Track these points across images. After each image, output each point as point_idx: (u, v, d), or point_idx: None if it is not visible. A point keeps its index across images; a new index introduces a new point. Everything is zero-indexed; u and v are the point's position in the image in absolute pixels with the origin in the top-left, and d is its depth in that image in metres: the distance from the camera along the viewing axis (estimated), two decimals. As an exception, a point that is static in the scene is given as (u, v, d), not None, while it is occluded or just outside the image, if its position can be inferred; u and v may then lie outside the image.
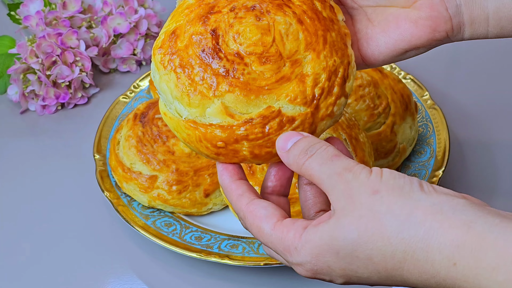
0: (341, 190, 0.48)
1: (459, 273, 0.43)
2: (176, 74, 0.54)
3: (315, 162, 0.50)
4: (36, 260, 0.79)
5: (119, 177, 0.82)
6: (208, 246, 0.76)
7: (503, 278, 0.41)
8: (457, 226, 0.43)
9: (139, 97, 0.95)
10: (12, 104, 1.00)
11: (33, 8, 1.02)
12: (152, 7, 1.06)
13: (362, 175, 0.48)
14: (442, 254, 0.43)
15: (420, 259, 0.44)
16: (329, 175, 0.49)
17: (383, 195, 0.46)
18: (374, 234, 0.46)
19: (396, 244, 0.45)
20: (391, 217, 0.45)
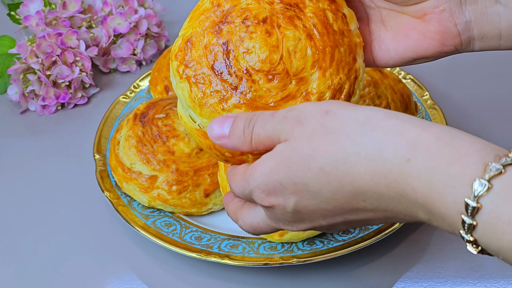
0: (289, 125, 0.48)
1: (412, 168, 0.42)
2: (190, 84, 0.57)
3: (258, 128, 0.50)
4: (36, 260, 0.79)
5: (119, 177, 0.82)
6: (208, 246, 0.76)
7: (454, 172, 0.41)
8: (414, 126, 0.43)
9: (139, 97, 0.95)
10: (12, 104, 1.00)
11: (33, 8, 1.02)
12: (152, 7, 1.06)
13: (309, 105, 0.48)
14: (396, 152, 0.43)
15: (373, 159, 0.44)
16: (274, 127, 0.49)
17: (336, 112, 0.46)
18: (327, 145, 0.45)
19: (350, 148, 0.44)
20: (344, 127, 0.45)
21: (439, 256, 0.77)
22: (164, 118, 0.83)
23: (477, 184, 0.40)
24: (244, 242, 0.77)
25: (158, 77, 0.94)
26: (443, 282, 0.74)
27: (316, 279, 0.76)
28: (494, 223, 0.40)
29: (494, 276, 0.74)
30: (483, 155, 0.41)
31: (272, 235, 0.74)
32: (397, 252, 0.78)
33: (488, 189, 0.40)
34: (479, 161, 0.41)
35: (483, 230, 0.41)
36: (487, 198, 0.40)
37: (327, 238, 0.76)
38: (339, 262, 0.76)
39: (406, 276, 0.75)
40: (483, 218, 0.40)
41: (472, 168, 0.41)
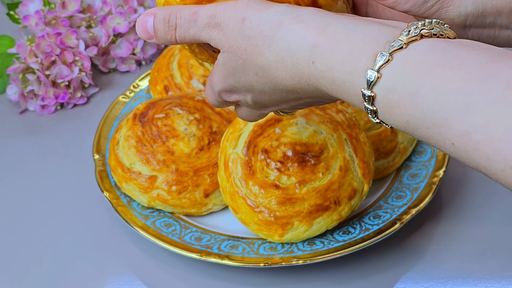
0: (216, 35, 0.53)
1: (317, 70, 0.48)
2: None
3: (181, 32, 0.55)
4: (36, 260, 0.79)
5: (118, 177, 0.81)
6: (207, 246, 0.76)
7: (349, 69, 0.46)
8: (313, 28, 0.48)
9: (138, 97, 0.95)
10: (11, 104, 1.00)
11: (32, 7, 1.01)
12: (151, 6, 1.06)
13: (228, 11, 0.52)
14: (303, 55, 0.49)
15: (288, 64, 0.50)
16: (200, 33, 0.54)
17: (251, 20, 0.51)
18: (253, 54, 0.51)
19: (269, 56, 0.51)
20: (263, 37, 0.50)
21: (439, 256, 0.77)
22: (163, 118, 0.83)
23: (369, 75, 0.45)
24: (244, 242, 0.77)
25: (158, 77, 0.94)
26: (443, 282, 0.74)
27: (316, 280, 0.75)
28: (388, 107, 0.45)
29: (495, 277, 0.74)
30: (373, 46, 0.46)
31: (272, 236, 0.74)
32: (397, 252, 0.77)
33: (379, 78, 0.45)
34: (370, 52, 0.45)
35: (382, 114, 0.46)
36: (379, 86, 0.45)
37: (327, 238, 0.76)
38: (339, 263, 0.76)
39: (406, 276, 0.75)
40: (379, 103, 0.46)
41: (363, 60, 0.46)
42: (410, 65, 0.44)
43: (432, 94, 0.42)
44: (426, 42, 0.45)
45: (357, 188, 0.76)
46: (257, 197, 0.74)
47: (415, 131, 0.44)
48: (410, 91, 0.43)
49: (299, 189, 0.73)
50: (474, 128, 0.41)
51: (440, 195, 0.83)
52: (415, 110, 0.43)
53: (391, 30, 0.46)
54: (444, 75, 0.42)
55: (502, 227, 0.79)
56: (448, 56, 0.43)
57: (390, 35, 0.46)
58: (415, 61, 0.44)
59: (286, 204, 0.73)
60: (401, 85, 0.44)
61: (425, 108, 0.43)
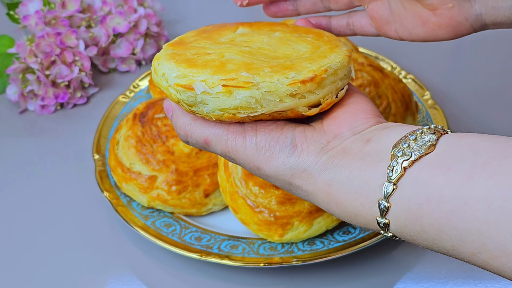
0: (232, 161, 0.58)
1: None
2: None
3: (194, 146, 0.60)
4: (35, 260, 0.79)
5: (118, 177, 0.81)
6: (208, 246, 0.76)
7: (363, 221, 0.52)
8: (321, 187, 0.53)
9: (138, 97, 0.95)
10: (11, 104, 1.00)
11: (32, 7, 1.01)
12: (151, 6, 1.06)
13: (240, 149, 0.56)
14: (320, 204, 0.55)
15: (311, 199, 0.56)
16: (213, 152, 0.59)
17: (264, 170, 0.56)
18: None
19: (292, 190, 0.57)
20: (279, 184, 0.56)
21: (439, 256, 0.77)
22: (163, 118, 0.83)
23: (381, 223, 0.50)
24: (244, 242, 0.77)
25: (158, 76, 0.94)
26: (444, 282, 0.74)
27: (316, 280, 0.75)
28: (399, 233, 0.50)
29: (495, 277, 0.74)
30: (372, 197, 0.50)
31: (272, 236, 0.74)
32: (398, 252, 0.77)
33: (388, 224, 0.50)
34: (373, 203, 0.50)
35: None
36: (391, 229, 0.50)
37: (327, 238, 0.75)
38: (339, 263, 0.76)
39: (406, 276, 0.75)
40: (392, 230, 0.50)
41: (371, 213, 0.51)
42: (406, 208, 0.48)
43: (434, 231, 0.47)
44: (410, 176, 0.48)
45: (357, 188, 0.76)
46: (257, 197, 0.74)
47: (437, 251, 0.49)
48: (416, 230, 0.48)
49: None
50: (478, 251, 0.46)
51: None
52: (427, 242, 0.48)
53: (380, 170, 0.50)
54: (433, 213, 0.46)
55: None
56: (429, 189, 0.47)
57: (381, 177, 0.49)
58: (408, 203, 0.48)
59: (286, 204, 0.73)
60: (407, 227, 0.49)
61: (435, 240, 0.48)
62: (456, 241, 0.46)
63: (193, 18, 1.15)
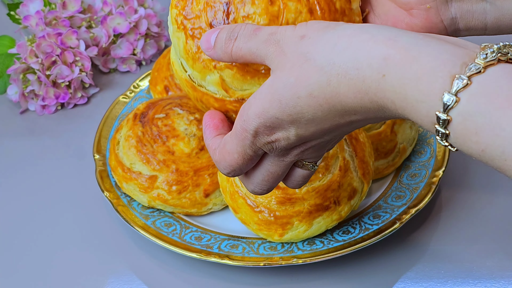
0: (273, 51, 0.50)
1: (388, 84, 0.45)
2: (186, 36, 0.57)
3: (240, 42, 0.52)
4: (36, 260, 0.79)
5: (119, 177, 0.81)
6: (208, 246, 0.76)
7: (424, 88, 0.44)
8: (383, 41, 0.45)
9: (139, 97, 0.95)
10: (11, 104, 1.00)
11: (32, 8, 1.01)
12: (152, 7, 1.06)
13: (288, 30, 0.50)
14: (372, 68, 0.45)
15: (353, 77, 0.46)
16: (257, 46, 0.51)
17: (310, 36, 0.49)
18: (309, 71, 0.48)
19: (329, 70, 0.47)
20: (320, 50, 0.47)
21: (439, 256, 0.77)
22: (164, 118, 0.83)
23: (446, 98, 0.42)
24: (244, 242, 0.77)
25: (158, 77, 0.94)
26: (443, 282, 0.74)
27: (316, 279, 0.76)
28: (463, 133, 0.43)
29: (494, 276, 0.74)
30: (449, 67, 0.43)
31: (272, 235, 0.74)
32: (397, 252, 0.77)
33: (456, 102, 0.42)
34: (446, 74, 0.43)
35: (455, 139, 0.44)
36: (456, 111, 0.43)
37: (327, 238, 0.76)
38: (339, 262, 0.76)
39: (406, 276, 0.75)
40: (454, 128, 0.43)
41: (440, 82, 0.43)
42: (490, 93, 0.42)
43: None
44: (505, 68, 0.43)
45: (357, 188, 0.76)
46: (257, 197, 0.74)
47: (490, 161, 0.43)
48: (490, 121, 0.42)
49: (299, 189, 0.73)
50: None
51: (440, 195, 0.83)
52: (494, 141, 0.42)
53: (465, 52, 0.44)
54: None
55: (502, 226, 0.79)
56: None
57: (465, 57, 0.44)
58: (495, 88, 0.42)
59: (286, 204, 0.73)
60: (481, 114, 0.42)
61: (506, 140, 0.41)
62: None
63: (193, 18, 1.16)
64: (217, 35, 0.54)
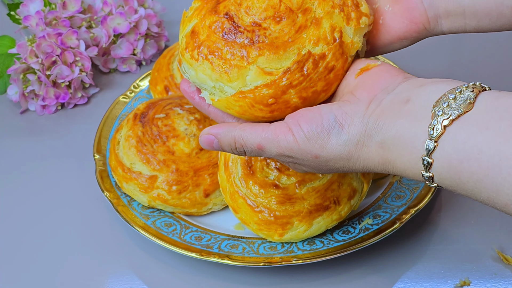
0: (291, 161, 0.61)
1: (392, 173, 0.58)
2: (209, 60, 0.60)
3: (252, 155, 0.63)
4: (36, 260, 0.79)
5: (119, 177, 0.82)
6: (208, 246, 0.76)
7: (411, 174, 0.55)
8: (375, 151, 0.57)
9: (139, 97, 0.95)
10: (12, 104, 1.00)
11: (33, 8, 1.01)
12: (152, 7, 1.06)
13: (295, 148, 0.59)
14: (379, 169, 0.58)
15: (369, 170, 0.59)
16: (271, 157, 0.63)
17: (323, 156, 0.58)
18: (333, 166, 0.60)
19: (352, 169, 0.60)
20: (341, 164, 0.59)
21: (439, 256, 0.77)
22: (164, 118, 0.83)
23: (424, 172, 0.54)
24: (244, 242, 0.77)
25: (158, 77, 0.94)
26: (443, 282, 0.75)
27: (316, 279, 0.76)
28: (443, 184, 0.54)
29: (494, 276, 0.74)
30: (417, 153, 0.54)
31: (272, 235, 0.74)
32: (397, 252, 0.78)
33: (432, 163, 0.53)
34: (417, 156, 0.54)
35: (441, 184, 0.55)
36: (433, 168, 0.53)
37: (327, 238, 0.76)
38: (339, 262, 0.76)
39: (406, 276, 0.76)
40: (436, 181, 0.54)
41: (417, 168, 0.54)
42: (447, 163, 0.52)
43: (472, 184, 0.51)
44: (449, 134, 0.51)
45: (357, 188, 0.76)
46: (257, 197, 0.74)
47: (476, 200, 0.53)
48: (456, 183, 0.52)
49: (298, 189, 0.74)
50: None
51: (440, 195, 0.84)
52: (466, 192, 0.52)
53: (421, 129, 0.53)
54: (472, 168, 0.51)
55: (501, 226, 0.79)
56: (469, 147, 0.50)
57: (422, 135, 0.53)
58: (448, 159, 0.52)
59: (286, 204, 0.73)
60: (448, 180, 0.53)
61: (473, 191, 0.52)
62: (492, 193, 0.50)
63: (193, 18, 1.16)
64: (221, 146, 0.63)
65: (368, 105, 0.57)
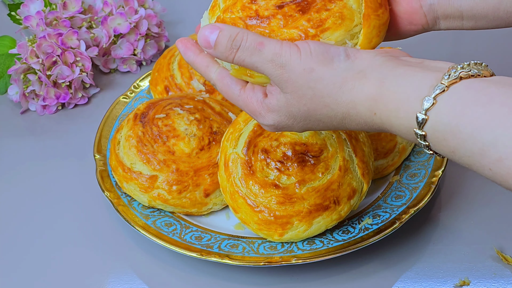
0: (279, 74, 0.58)
1: (378, 118, 0.56)
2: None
3: (243, 55, 0.59)
4: (36, 260, 0.79)
5: (119, 177, 0.82)
6: (208, 246, 0.76)
7: (403, 115, 0.54)
8: (373, 83, 0.56)
9: (139, 97, 0.95)
10: (12, 104, 1.00)
11: (33, 8, 1.02)
12: (152, 7, 1.07)
13: (294, 57, 0.57)
14: (365, 107, 0.56)
15: (353, 115, 0.58)
16: (262, 64, 0.58)
17: (317, 71, 0.57)
18: (318, 105, 0.58)
19: (335, 108, 0.58)
20: (328, 91, 0.57)
21: (439, 256, 0.77)
22: (164, 118, 0.83)
23: (419, 118, 0.52)
24: (244, 242, 0.77)
25: (158, 77, 0.94)
26: (443, 282, 0.75)
27: (316, 279, 0.76)
28: (437, 142, 0.53)
29: (494, 276, 0.75)
30: (419, 92, 0.53)
31: (272, 235, 0.74)
32: (397, 252, 0.78)
33: (426, 120, 0.52)
34: (417, 98, 0.53)
35: (433, 146, 0.54)
36: (427, 126, 0.53)
37: (327, 238, 0.76)
38: (339, 262, 0.76)
39: (406, 276, 0.76)
40: (429, 139, 0.53)
41: (413, 106, 0.53)
42: (450, 106, 0.51)
43: (469, 129, 0.50)
44: (464, 83, 0.51)
45: (357, 188, 0.76)
46: (257, 196, 0.74)
47: (460, 159, 0.52)
48: (451, 128, 0.51)
49: (298, 188, 0.74)
50: (506, 155, 0.48)
51: (439, 195, 0.84)
52: (457, 143, 0.51)
53: (434, 75, 0.53)
54: (476, 112, 0.50)
55: (501, 226, 0.79)
56: (480, 95, 0.50)
57: (433, 80, 0.52)
58: (453, 102, 0.51)
59: (286, 203, 0.74)
60: (444, 124, 0.51)
61: (465, 141, 0.50)
62: (488, 144, 0.49)
63: (193, 19, 1.16)
64: (217, 38, 0.59)
65: (383, 53, 0.58)
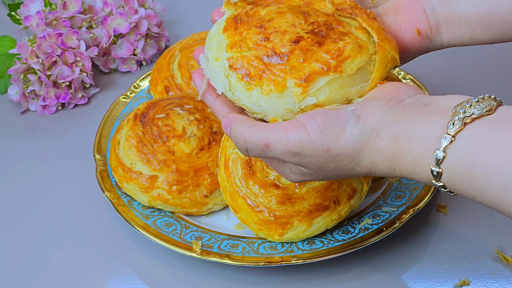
0: (297, 161, 0.60)
1: (398, 173, 0.58)
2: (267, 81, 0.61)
3: (255, 154, 0.61)
4: (36, 260, 0.79)
5: (119, 177, 0.82)
6: (208, 246, 0.76)
7: (419, 170, 0.56)
8: (388, 142, 0.57)
9: (139, 97, 0.95)
10: (12, 104, 1.00)
11: (33, 8, 1.02)
12: (152, 7, 1.07)
13: (305, 143, 0.58)
14: (385, 166, 0.58)
15: (375, 172, 0.60)
16: (277, 156, 0.60)
17: (335, 148, 0.58)
18: (343, 171, 0.61)
19: (358, 169, 0.60)
20: (350, 159, 0.59)
21: (439, 256, 0.77)
22: (164, 118, 0.83)
23: (434, 171, 0.54)
24: (244, 242, 0.77)
25: (158, 77, 0.94)
26: (443, 281, 0.75)
27: (316, 279, 0.76)
28: (452, 187, 0.55)
29: (494, 276, 0.75)
30: (430, 146, 0.54)
31: (272, 235, 0.74)
32: (397, 252, 0.78)
33: (441, 172, 0.54)
34: (430, 152, 0.54)
35: (451, 189, 0.56)
36: (443, 178, 0.54)
37: (327, 238, 0.76)
38: (339, 262, 0.76)
39: (405, 275, 0.76)
40: (447, 185, 0.55)
41: (426, 162, 0.55)
42: (459, 158, 0.53)
43: (482, 179, 0.51)
44: (469, 131, 0.52)
45: (357, 188, 0.76)
46: (257, 196, 0.74)
47: (483, 203, 0.53)
48: (466, 178, 0.52)
49: (298, 188, 0.74)
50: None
51: (439, 195, 0.84)
52: (473, 192, 0.53)
53: (440, 124, 0.54)
54: (486, 160, 0.51)
55: (501, 226, 0.79)
56: (486, 141, 0.51)
57: (439, 130, 0.54)
58: (461, 153, 0.52)
59: (286, 203, 0.74)
60: (457, 175, 0.53)
61: (480, 190, 0.52)
62: (502, 191, 0.50)
63: (193, 19, 1.16)
64: (230, 130, 0.62)
65: (389, 101, 0.58)
